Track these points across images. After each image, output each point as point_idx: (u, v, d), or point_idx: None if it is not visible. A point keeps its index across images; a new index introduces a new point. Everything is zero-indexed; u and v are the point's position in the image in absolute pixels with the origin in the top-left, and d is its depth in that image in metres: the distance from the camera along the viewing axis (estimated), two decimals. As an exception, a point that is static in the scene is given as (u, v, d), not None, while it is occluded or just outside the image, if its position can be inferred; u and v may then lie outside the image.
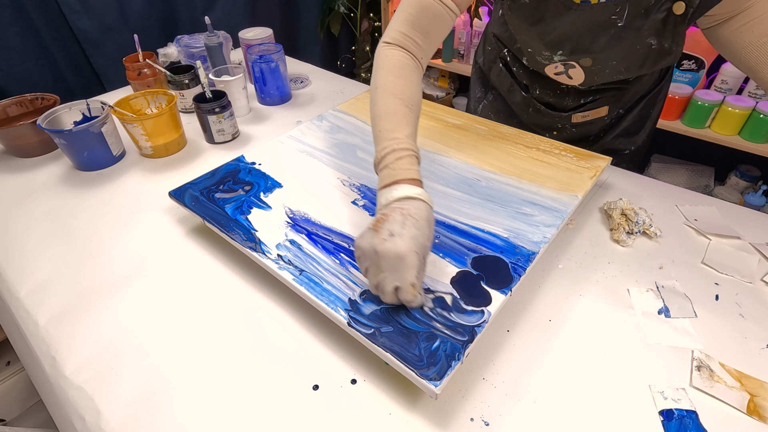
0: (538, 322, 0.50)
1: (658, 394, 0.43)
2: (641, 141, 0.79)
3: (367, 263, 0.44)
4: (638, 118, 0.76)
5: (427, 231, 0.44)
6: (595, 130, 0.78)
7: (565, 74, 0.68)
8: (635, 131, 0.78)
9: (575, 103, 0.74)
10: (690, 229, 0.62)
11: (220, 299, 0.54)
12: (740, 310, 0.51)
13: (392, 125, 0.50)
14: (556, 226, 0.55)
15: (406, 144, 0.48)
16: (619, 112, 0.76)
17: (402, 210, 0.43)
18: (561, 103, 0.75)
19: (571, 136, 0.79)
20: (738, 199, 1.50)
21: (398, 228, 0.42)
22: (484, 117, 0.84)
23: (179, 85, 0.91)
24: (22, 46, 1.22)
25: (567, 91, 0.73)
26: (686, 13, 0.56)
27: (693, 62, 1.41)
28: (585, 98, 0.73)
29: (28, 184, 0.76)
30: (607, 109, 0.73)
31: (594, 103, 0.73)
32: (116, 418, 0.43)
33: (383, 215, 0.44)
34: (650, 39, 0.59)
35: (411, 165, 0.47)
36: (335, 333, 0.49)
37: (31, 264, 0.60)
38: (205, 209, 0.60)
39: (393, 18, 0.58)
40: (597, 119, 0.75)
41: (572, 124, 0.77)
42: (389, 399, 0.43)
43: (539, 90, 0.75)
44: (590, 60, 0.64)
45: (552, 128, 0.79)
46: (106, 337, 0.50)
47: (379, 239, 0.42)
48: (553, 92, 0.74)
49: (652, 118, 0.78)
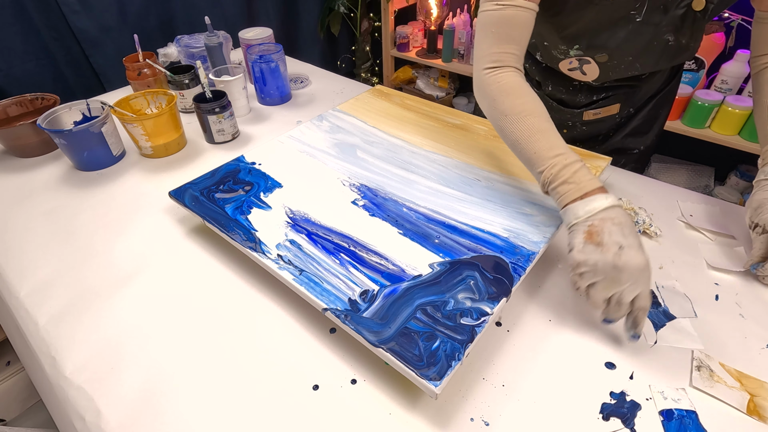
0: (538, 322, 0.50)
1: (658, 394, 0.43)
2: (650, 141, 0.79)
3: (599, 278, 0.43)
4: (648, 117, 0.76)
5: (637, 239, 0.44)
6: (605, 129, 0.78)
7: (579, 70, 0.68)
8: (645, 131, 0.78)
9: (587, 100, 0.74)
10: (691, 229, 0.62)
11: (220, 299, 0.54)
12: (740, 310, 0.51)
13: (547, 143, 0.50)
14: (556, 226, 0.55)
15: (574, 157, 0.48)
16: (630, 111, 0.75)
17: (611, 220, 0.44)
18: (573, 99, 0.75)
19: (581, 134, 0.79)
20: (738, 199, 1.50)
21: (622, 239, 0.42)
22: None
23: (179, 85, 0.91)
24: (22, 46, 1.22)
25: (579, 88, 0.73)
26: (706, 9, 0.56)
27: (693, 62, 1.41)
28: (597, 95, 0.73)
29: (28, 184, 0.76)
30: (618, 107, 0.73)
31: (606, 100, 0.73)
32: (116, 418, 0.43)
33: (594, 227, 0.44)
34: (668, 35, 0.59)
35: (591, 175, 0.47)
36: (335, 333, 0.49)
37: (31, 264, 0.60)
38: (205, 209, 0.60)
39: (478, 41, 0.55)
40: (608, 117, 0.75)
41: (583, 121, 0.77)
42: (389, 399, 0.43)
43: (552, 86, 0.76)
44: (606, 56, 0.64)
45: (562, 126, 0.79)
46: (107, 337, 0.50)
47: (612, 254, 0.42)
48: (566, 89, 0.74)
49: (660, 119, 0.78)
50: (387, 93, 0.89)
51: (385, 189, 0.63)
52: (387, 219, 0.58)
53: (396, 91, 0.89)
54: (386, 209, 0.59)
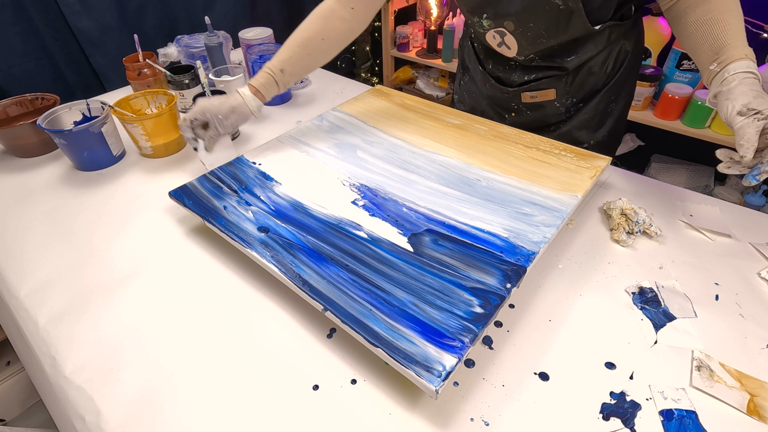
0: (538, 322, 0.50)
1: (658, 394, 0.43)
2: (602, 137, 0.81)
3: None
4: (597, 112, 0.78)
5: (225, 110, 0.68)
6: (551, 118, 0.80)
7: (504, 45, 0.73)
8: (596, 125, 0.80)
9: (521, 79, 0.77)
10: (691, 229, 0.62)
11: (220, 299, 0.54)
12: (740, 310, 0.51)
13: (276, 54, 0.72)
14: (556, 226, 0.55)
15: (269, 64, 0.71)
16: (573, 101, 0.78)
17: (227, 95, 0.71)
18: (509, 78, 0.79)
19: (528, 119, 0.82)
20: (738, 199, 1.50)
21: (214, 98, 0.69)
22: (460, 98, 0.90)
23: (179, 85, 0.91)
24: (22, 46, 1.22)
25: (514, 67, 0.77)
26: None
27: (693, 62, 1.41)
28: (529, 74, 0.76)
29: (28, 184, 0.76)
30: (554, 92, 0.76)
31: (539, 83, 0.76)
32: (116, 418, 0.43)
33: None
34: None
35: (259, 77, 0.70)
36: (335, 333, 0.49)
37: (31, 264, 0.60)
38: (205, 209, 0.60)
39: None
40: (546, 103, 0.78)
41: (525, 104, 0.80)
42: (389, 399, 0.43)
43: (491, 64, 0.81)
44: (512, 23, 0.68)
45: (509, 108, 0.83)
46: (106, 337, 0.50)
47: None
48: (503, 67, 0.79)
49: (613, 115, 0.79)
50: (387, 93, 0.89)
51: (385, 189, 0.63)
52: (387, 219, 0.58)
53: (396, 91, 0.89)
54: (386, 209, 0.59)
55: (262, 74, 0.70)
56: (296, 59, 0.71)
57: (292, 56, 0.71)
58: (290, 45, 0.71)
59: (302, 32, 0.71)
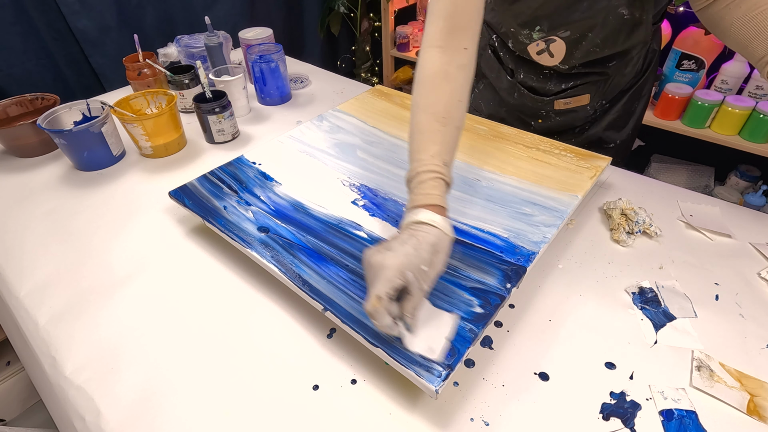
0: (538, 322, 0.50)
1: (658, 394, 0.43)
2: (626, 135, 0.81)
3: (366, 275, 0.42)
4: (623, 111, 0.78)
5: (427, 255, 0.41)
6: (580, 121, 0.79)
7: (546, 52, 0.70)
8: (621, 125, 0.80)
9: (557, 88, 0.75)
10: (691, 229, 0.62)
11: (220, 299, 0.54)
12: (740, 310, 0.51)
13: (418, 145, 0.48)
14: (556, 226, 0.55)
15: (430, 166, 0.46)
16: (603, 103, 0.77)
17: (411, 231, 0.42)
18: (544, 87, 0.76)
19: (555, 124, 0.80)
20: (738, 199, 1.50)
21: (397, 245, 0.41)
22: (475, 107, 0.87)
23: (179, 85, 0.91)
24: (22, 46, 1.22)
25: (550, 76, 0.75)
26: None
27: (693, 62, 1.41)
28: (566, 83, 0.74)
29: (28, 184, 0.76)
30: (588, 97, 0.75)
31: (576, 89, 0.75)
32: (116, 418, 0.43)
33: (394, 236, 0.43)
34: (622, 9, 0.62)
35: (432, 189, 0.45)
36: (335, 333, 0.49)
37: (31, 264, 0.60)
38: (205, 209, 0.60)
39: (427, 23, 0.53)
40: (579, 108, 0.77)
41: (555, 111, 0.78)
42: (389, 399, 0.43)
43: (523, 74, 0.77)
44: (569, 32, 0.66)
45: (536, 115, 0.81)
46: (106, 337, 0.50)
47: (374, 251, 0.41)
48: (536, 76, 0.76)
49: (636, 114, 0.80)
50: (387, 93, 0.89)
51: (385, 189, 0.63)
52: (387, 219, 0.58)
53: (396, 91, 0.89)
54: (386, 209, 0.59)
55: (432, 183, 0.46)
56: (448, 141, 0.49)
57: (443, 140, 0.49)
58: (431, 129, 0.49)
59: (433, 106, 0.50)
